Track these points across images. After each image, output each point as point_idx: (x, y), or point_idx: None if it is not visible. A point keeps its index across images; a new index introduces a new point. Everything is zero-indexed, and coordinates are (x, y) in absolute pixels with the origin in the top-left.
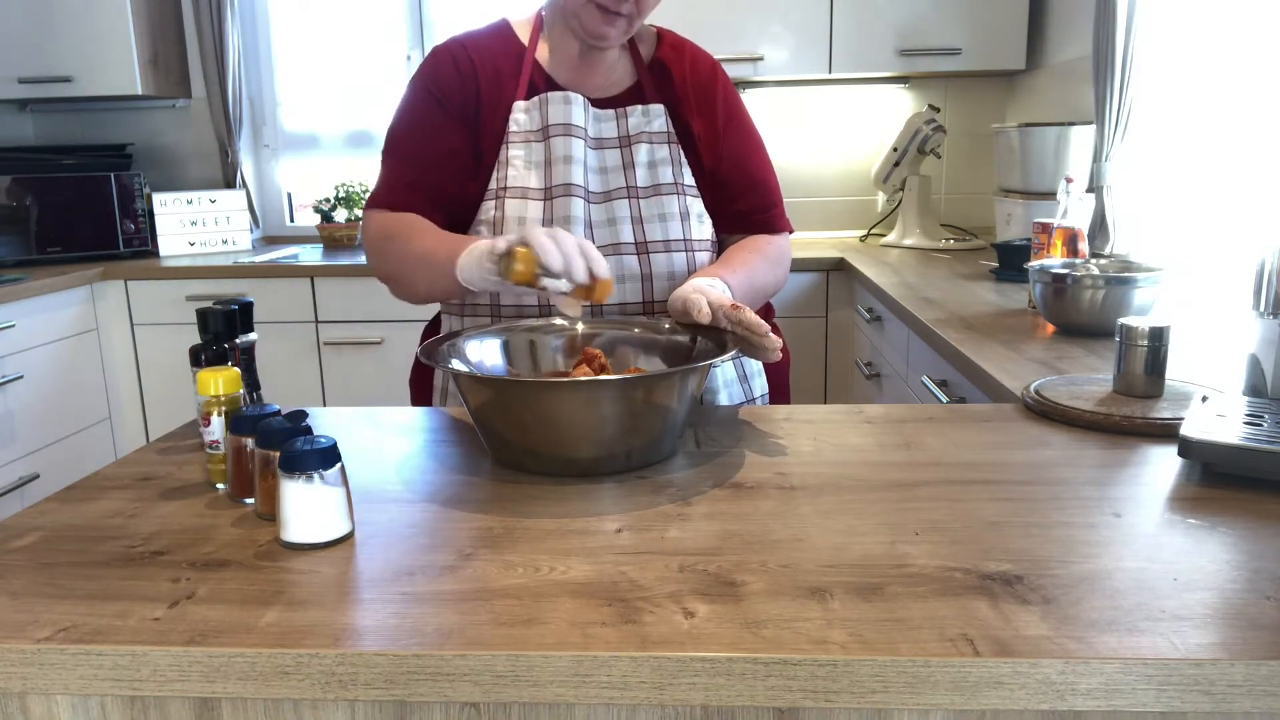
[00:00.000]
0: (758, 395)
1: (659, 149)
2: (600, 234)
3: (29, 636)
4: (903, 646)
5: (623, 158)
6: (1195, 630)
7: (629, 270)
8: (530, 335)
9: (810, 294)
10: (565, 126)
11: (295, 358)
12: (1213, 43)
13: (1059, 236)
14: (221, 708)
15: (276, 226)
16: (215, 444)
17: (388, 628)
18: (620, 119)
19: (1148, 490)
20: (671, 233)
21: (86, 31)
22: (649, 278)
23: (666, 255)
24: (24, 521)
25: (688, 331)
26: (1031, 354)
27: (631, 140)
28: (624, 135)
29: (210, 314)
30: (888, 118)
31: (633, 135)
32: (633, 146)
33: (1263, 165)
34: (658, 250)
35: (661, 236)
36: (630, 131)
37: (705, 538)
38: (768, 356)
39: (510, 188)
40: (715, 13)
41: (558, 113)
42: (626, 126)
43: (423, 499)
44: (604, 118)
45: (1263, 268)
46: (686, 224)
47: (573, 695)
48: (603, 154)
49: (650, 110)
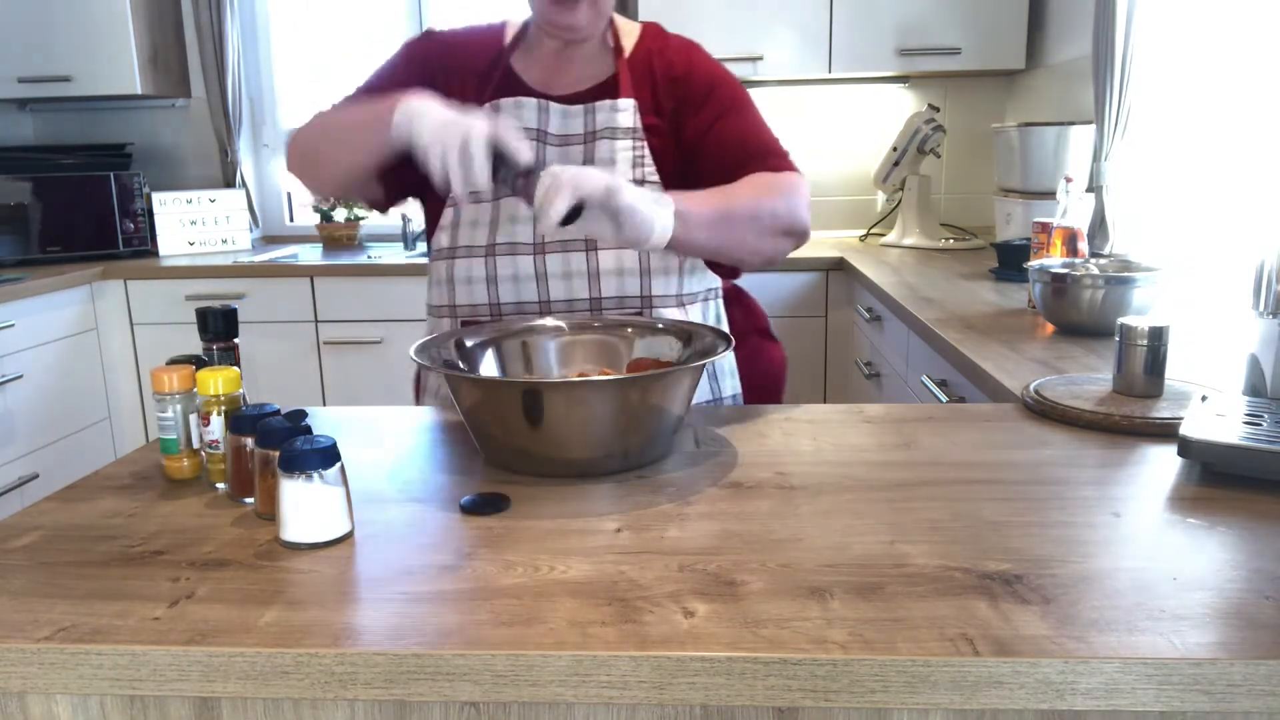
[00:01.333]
0: (728, 395)
1: (621, 143)
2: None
3: (29, 636)
4: (902, 646)
5: (584, 154)
6: (1195, 630)
7: (575, 267)
8: (523, 336)
9: (810, 294)
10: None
11: (295, 357)
12: (1213, 43)
13: (1058, 236)
14: (221, 707)
15: (276, 226)
16: (215, 444)
17: (387, 627)
18: (588, 114)
19: (1147, 490)
20: None
21: (86, 31)
22: (596, 274)
23: (615, 252)
24: (24, 521)
25: (682, 330)
26: (1031, 354)
27: (596, 136)
28: (589, 131)
29: (210, 314)
30: (887, 117)
31: (598, 131)
32: (596, 143)
33: (1262, 165)
34: (607, 246)
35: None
36: (596, 127)
37: (705, 537)
38: (538, 219)
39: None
40: (715, 13)
41: (510, 118)
42: (593, 122)
43: (422, 499)
44: (572, 114)
45: (1262, 267)
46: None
47: (572, 695)
48: (566, 150)
49: (619, 104)
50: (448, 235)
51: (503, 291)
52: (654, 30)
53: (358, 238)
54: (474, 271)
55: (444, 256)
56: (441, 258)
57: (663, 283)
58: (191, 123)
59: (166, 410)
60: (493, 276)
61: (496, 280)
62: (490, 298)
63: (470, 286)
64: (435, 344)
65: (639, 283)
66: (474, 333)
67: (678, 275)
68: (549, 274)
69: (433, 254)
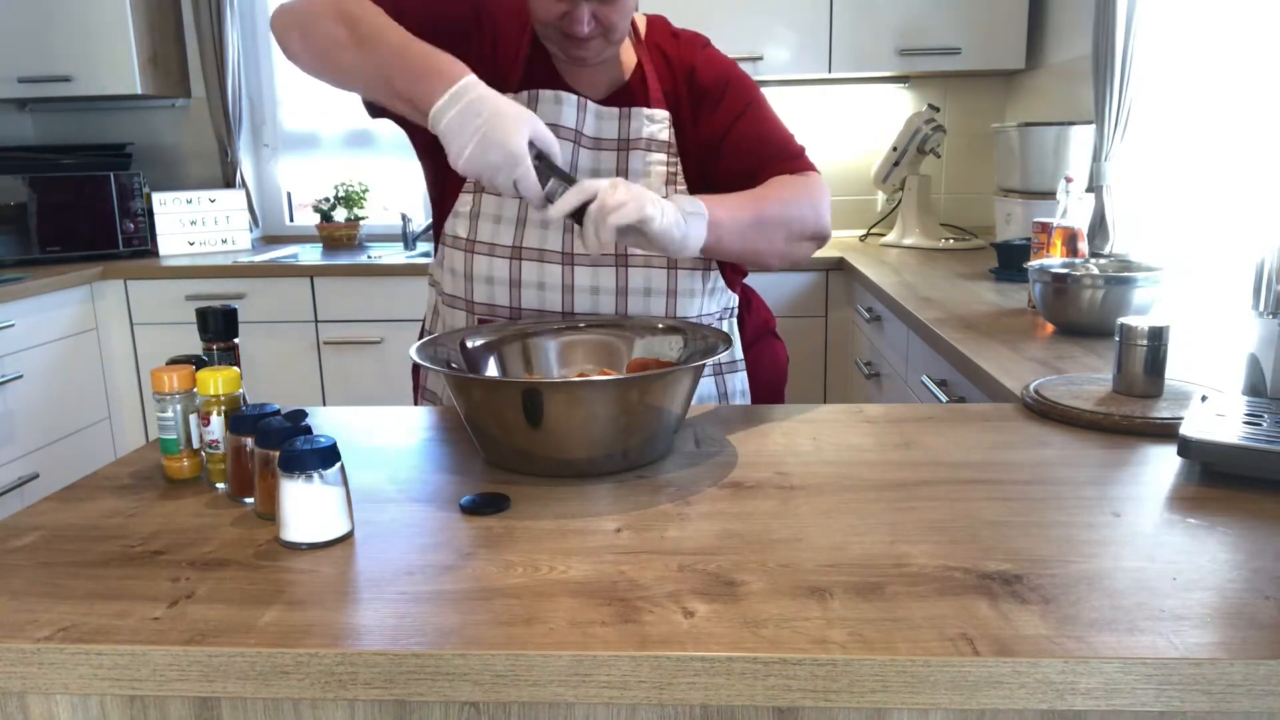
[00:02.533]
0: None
1: (654, 156)
2: (579, 244)
3: (29, 636)
4: (902, 646)
5: (618, 162)
6: (1195, 630)
7: (604, 283)
8: (523, 336)
9: (810, 294)
10: (553, 128)
11: (295, 357)
12: (1213, 43)
13: (1058, 236)
14: (221, 707)
15: (276, 226)
16: (215, 444)
17: (387, 627)
18: (623, 119)
19: (1147, 490)
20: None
21: (86, 31)
22: (624, 291)
23: (645, 270)
24: (24, 521)
25: (682, 330)
26: (1031, 354)
27: (630, 145)
28: (623, 138)
29: (210, 314)
30: (887, 117)
31: (631, 140)
32: (630, 152)
33: (1262, 165)
34: (636, 264)
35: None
36: (630, 135)
37: (705, 537)
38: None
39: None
40: (715, 12)
41: (548, 113)
42: (628, 129)
43: (423, 498)
44: (606, 116)
45: (1262, 267)
46: None
47: (572, 695)
48: (598, 155)
49: (655, 115)
50: (465, 225)
51: (526, 297)
52: (661, 22)
53: (358, 238)
54: (496, 271)
55: (461, 247)
56: (459, 248)
57: (687, 303)
58: (191, 123)
59: (166, 410)
60: (517, 280)
61: (520, 285)
62: (512, 301)
63: (491, 286)
64: (436, 344)
65: (664, 302)
66: (474, 333)
67: (700, 296)
68: (576, 286)
69: (447, 238)
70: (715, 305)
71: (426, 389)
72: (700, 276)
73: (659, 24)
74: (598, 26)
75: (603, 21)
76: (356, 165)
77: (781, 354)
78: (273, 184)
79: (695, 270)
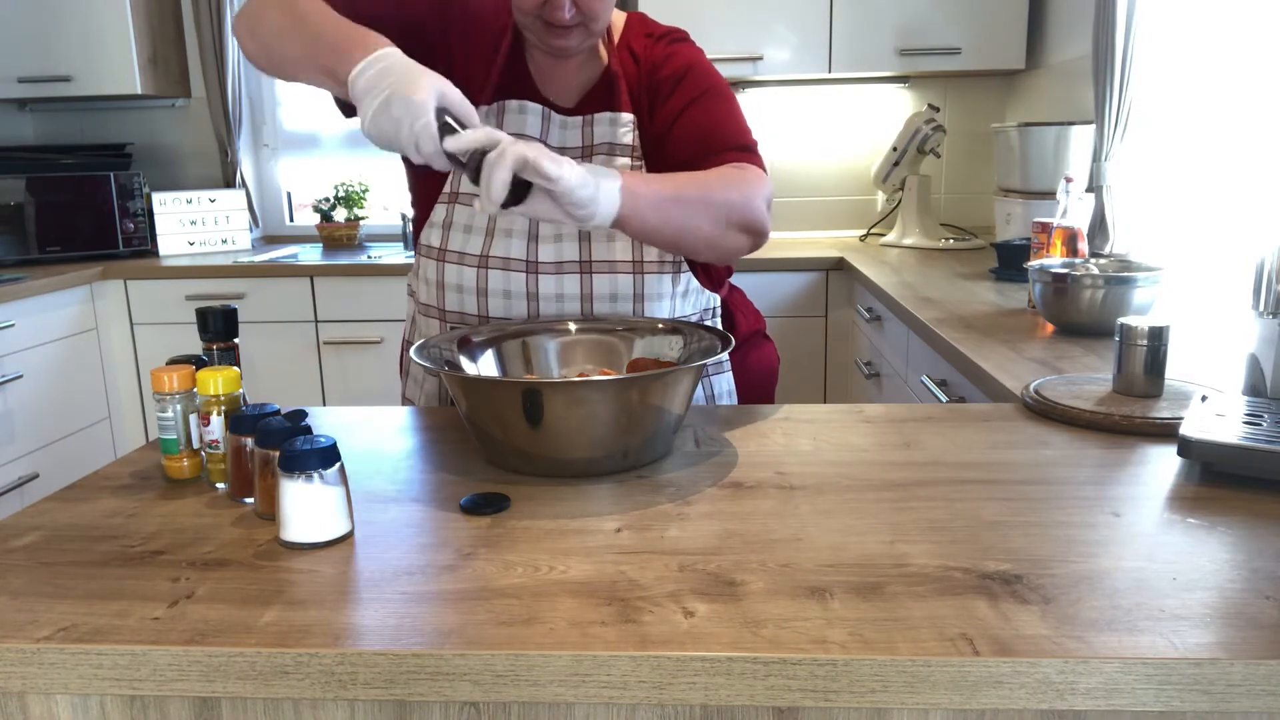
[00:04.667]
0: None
1: (619, 160)
2: (545, 250)
3: (29, 636)
4: (902, 646)
5: None
6: (1194, 630)
7: (568, 290)
8: (523, 336)
9: (810, 294)
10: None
11: (294, 357)
12: (1213, 43)
13: (1058, 236)
14: (221, 707)
15: (276, 226)
16: (215, 444)
17: (387, 627)
18: (586, 126)
19: (1147, 490)
20: (618, 253)
21: (86, 31)
22: (589, 298)
23: (611, 276)
24: (24, 521)
25: (681, 330)
26: (1031, 354)
27: (594, 151)
28: (586, 145)
29: (210, 314)
30: (887, 117)
31: (595, 145)
32: (593, 158)
33: (1262, 165)
34: (601, 270)
35: (607, 256)
36: (594, 141)
37: (705, 537)
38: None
39: (462, 194)
40: (715, 12)
41: (513, 123)
42: (591, 135)
43: (422, 498)
44: (570, 125)
45: (1262, 267)
46: (638, 244)
47: (572, 695)
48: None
49: (620, 119)
50: (438, 234)
51: (493, 306)
52: (638, 20)
53: (358, 238)
54: (465, 280)
55: (434, 256)
56: (431, 257)
57: (655, 306)
58: (191, 123)
59: (166, 410)
60: (484, 289)
61: (488, 293)
62: (480, 309)
63: (460, 295)
64: (436, 343)
65: (632, 307)
66: (475, 332)
67: (670, 299)
68: (541, 295)
69: (423, 248)
70: (690, 307)
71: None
72: (669, 279)
73: (636, 22)
74: (579, 15)
75: (584, 10)
76: (356, 165)
77: (771, 355)
78: (273, 184)
79: (663, 273)
